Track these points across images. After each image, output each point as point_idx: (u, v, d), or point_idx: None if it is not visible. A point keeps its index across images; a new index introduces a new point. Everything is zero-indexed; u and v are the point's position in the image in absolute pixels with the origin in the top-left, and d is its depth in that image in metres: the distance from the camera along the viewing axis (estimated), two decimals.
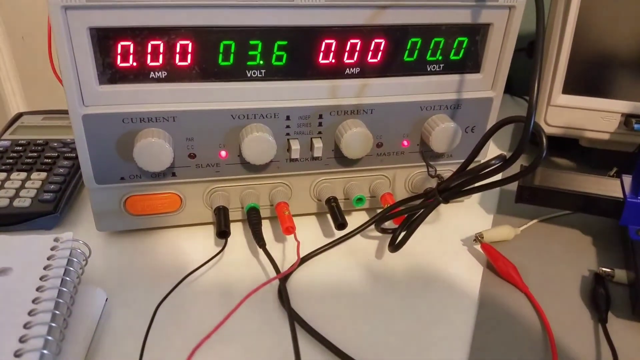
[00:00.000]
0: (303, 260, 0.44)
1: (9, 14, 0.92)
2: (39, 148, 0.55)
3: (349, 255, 0.46)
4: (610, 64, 0.54)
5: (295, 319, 0.36)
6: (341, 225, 0.45)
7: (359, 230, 0.47)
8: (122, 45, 0.38)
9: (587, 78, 0.55)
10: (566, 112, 0.56)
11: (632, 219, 0.45)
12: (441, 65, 0.45)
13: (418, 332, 0.38)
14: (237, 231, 0.48)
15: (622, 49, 0.54)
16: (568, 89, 0.56)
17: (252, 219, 0.44)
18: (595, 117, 0.56)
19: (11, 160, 0.52)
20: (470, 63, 0.46)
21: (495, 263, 0.44)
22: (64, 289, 0.34)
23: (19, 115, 0.62)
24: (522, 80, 0.76)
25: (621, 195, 0.46)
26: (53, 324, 0.32)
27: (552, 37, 0.55)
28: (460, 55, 0.45)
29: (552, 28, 0.55)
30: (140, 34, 0.37)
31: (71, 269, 0.36)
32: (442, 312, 0.40)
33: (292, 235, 0.43)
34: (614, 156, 0.58)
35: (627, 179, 0.47)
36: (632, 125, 0.54)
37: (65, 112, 0.62)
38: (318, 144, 0.44)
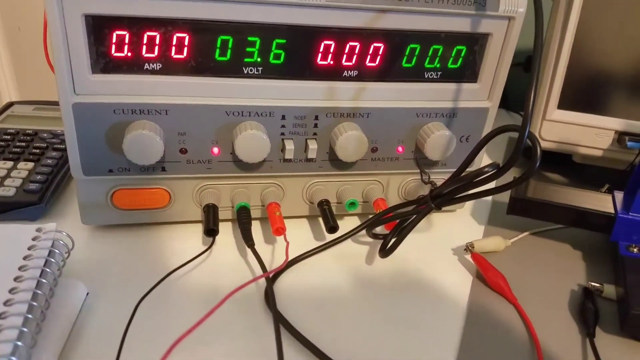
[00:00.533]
0: (292, 263, 0.43)
1: (6, 5, 0.91)
2: (28, 138, 0.54)
3: (339, 259, 0.45)
4: (606, 82, 0.55)
5: (280, 321, 0.36)
6: (332, 228, 0.44)
7: (350, 234, 0.47)
8: (117, 35, 0.37)
9: (583, 94, 0.55)
10: (561, 127, 0.56)
11: (623, 235, 0.45)
12: (439, 73, 0.45)
13: (405, 340, 0.38)
14: (226, 231, 0.47)
15: (619, 68, 0.54)
16: (563, 105, 0.56)
17: (242, 218, 0.44)
18: (589, 133, 0.56)
19: None
20: (468, 72, 0.46)
21: (485, 273, 0.43)
22: (43, 281, 0.33)
23: (9, 104, 0.61)
24: (518, 95, 0.76)
25: (612, 211, 0.46)
26: (29, 316, 0.31)
27: (549, 52, 0.55)
28: (458, 64, 0.45)
29: (549, 43, 0.55)
30: (136, 24, 0.37)
31: (52, 260, 0.35)
32: (430, 320, 0.40)
33: (282, 238, 0.43)
34: (606, 173, 0.58)
35: (619, 195, 0.47)
36: (626, 142, 0.54)
37: (57, 103, 0.61)
38: (313, 145, 0.44)
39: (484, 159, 0.52)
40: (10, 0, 0.90)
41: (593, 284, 0.43)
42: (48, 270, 0.34)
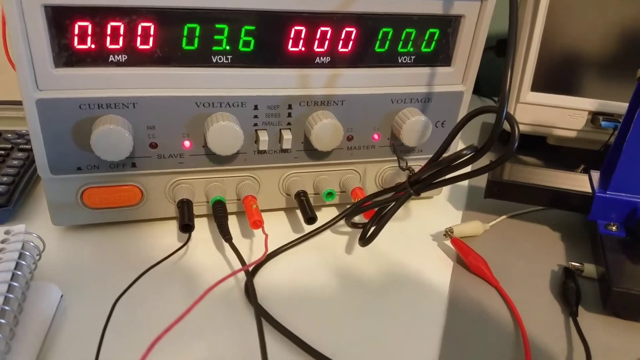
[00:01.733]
0: (271, 255, 0.42)
1: None
2: None
3: (319, 250, 0.44)
4: (578, 63, 0.55)
5: (261, 314, 0.35)
6: (311, 219, 0.44)
7: (329, 224, 0.46)
8: (79, 26, 0.35)
9: (555, 76, 0.56)
10: (534, 109, 0.57)
11: (601, 214, 0.45)
12: (412, 57, 0.44)
13: (388, 326, 0.37)
14: (202, 226, 0.46)
15: (590, 48, 0.54)
16: (536, 87, 0.56)
17: (218, 212, 0.42)
18: (563, 114, 0.56)
19: None
20: (442, 56, 0.45)
21: (466, 258, 0.43)
22: (15, 284, 0.32)
23: None
24: (490, 80, 0.76)
25: (590, 190, 0.46)
26: (2, 320, 0.29)
27: (521, 35, 0.55)
28: (432, 47, 0.44)
29: (521, 26, 0.55)
30: (99, 14, 0.35)
31: (23, 262, 0.34)
32: (413, 307, 0.39)
33: (260, 232, 0.42)
34: (580, 154, 0.59)
35: (595, 175, 0.48)
36: (600, 122, 0.54)
37: (20, 102, 0.59)
38: (287, 135, 0.43)
39: (458, 145, 0.51)
40: None
41: (573, 263, 0.43)
42: (19, 273, 0.33)
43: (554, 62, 0.55)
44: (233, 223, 0.47)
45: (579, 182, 0.47)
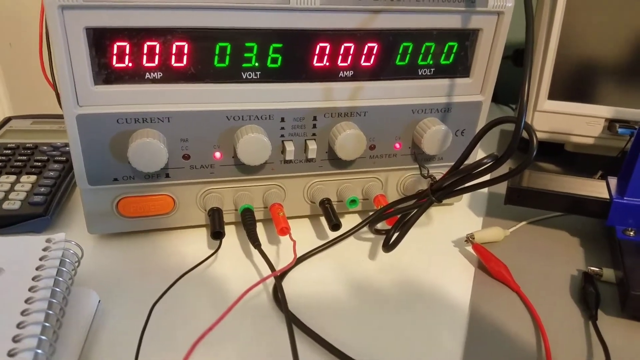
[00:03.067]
0: (298, 261, 0.44)
1: None
2: (29, 152, 0.54)
3: (343, 256, 0.46)
4: (594, 71, 0.56)
5: (291, 318, 0.36)
6: (335, 226, 0.45)
7: (353, 231, 0.48)
8: (118, 46, 0.38)
9: (572, 84, 0.57)
10: (552, 117, 0.58)
11: (619, 219, 0.46)
12: (432, 69, 0.46)
13: (413, 330, 0.39)
14: (230, 234, 0.48)
15: (606, 56, 0.55)
16: (553, 95, 0.57)
17: (247, 219, 0.44)
18: (580, 122, 0.57)
19: (0, 164, 0.52)
20: (460, 68, 0.47)
21: (487, 263, 0.44)
22: (57, 289, 0.34)
23: (7, 119, 0.61)
24: (507, 88, 0.77)
25: (607, 196, 0.47)
26: (46, 324, 0.31)
27: (537, 44, 0.56)
28: (451, 60, 0.46)
29: (537, 36, 0.56)
30: (136, 35, 0.38)
31: (64, 269, 0.36)
32: (436, 311, 0.40)
33: (286, 238, 0.43)
34: (598, 160, 0.59)
35: (613, 181, 0.48)
36: (616, 129, 0.55)
37: (54, 116, 0.62)
38: (312, 145, 0.45)
39: (478, 153, 0.53)
40: (1, 17, 0.91)
41: (592, 268, 0.44)
42: (60, 279, 0.35)
43: (571, 71, 0.56)
44: (259, 230, 0.48)
45: (597, 188, 0.48)
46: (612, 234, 0.46)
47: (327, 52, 0.42)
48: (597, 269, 0.44)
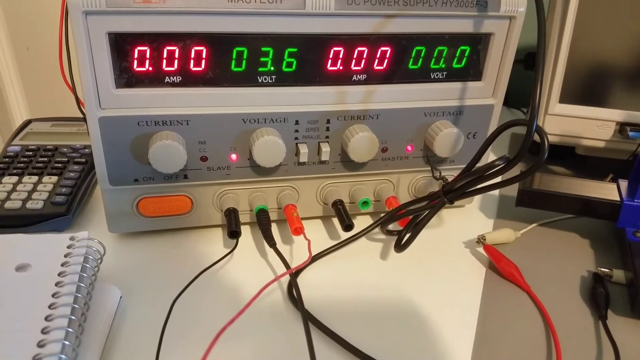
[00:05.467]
0: (312, 260, 0.45)
1: (14, 25, 0.93)
2: (49, 153, 0.56)
3: (355, 256, 0.47)
4: (605, 74, 0.56)
5: (308, 318, 0.37)
6: (348, 226, 0.46)
7: (366, 231, 0.49)
8: (139, 50, 0.39)
9: (583, 87, 0.57)
10: (563, 120, 0.58)
11: (629, 221, 0.47)
12: (444, 73, 0.47)
13: (424, 329, 0.39)
14: (245, 234, 0.49)
15: (617, 60, 0.56)
16: (565, 98, 0.57)
17: (262, 219, 0.45)
18: (591, 125, 0.58)
19: (22, 165, 0.53)
20: (472, 71, 0.47)
21: (498, 264, 0.45)
22: (82, 285, 0.35)
23: (27, 122, 0.63)
24: (518, 92, 0.78)
25: (618, 199, 0.47)
26: (72, 317, 0.33)
27: (549, 47, 0.56)
28: (463, 63, 0.47)
29: (548, 39, 0.56)
30: (156, 40, 0.39)
31: (87, 266, 0.37)
32: (447, 311, 0.41)
33: (299, 239, 0.45)
34: (608, 164, 0.60)
35: (624, 183, 0.49)
36: (627, 133, 0.56)
37: (73, 119, 0.63)
38: (325, 148, 0.46)
39: (489, 155, 0.53)
40: (19, 21, 0.93)
41: (602, 269, 0.45)
42: (85, 275, 0.36)
43: (582, 74, 0.57)
44: (273, 231, 0.49)
45: (608, 190, 0.49)
46: (622, 236, 0.47)
47: (341, 56, 0.43)
48: (607, 270, 0.45)
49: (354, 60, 0.44)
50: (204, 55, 0.40)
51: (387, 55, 0.44)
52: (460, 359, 0.37)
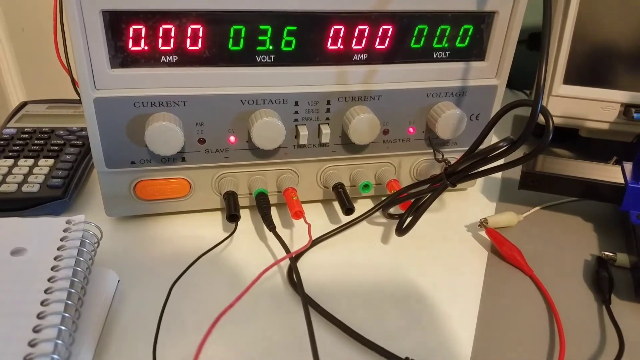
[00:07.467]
0: (312, 244, 0.44)
1: (9, 6, 0.91)
2: (45, 136, 0.55)
3: (356, 240, 0.46)
4: (610, 55, 0.55)
5: (308, 302, 0.37)
6: (349, 210, 0.46)
7: (367, 215, 0.48)
8: (134, 29, 0.38)
9: (588, 69, 0.56)
10: (567, 102, 0.57)
11: (633, 204, 0.46)
12: (447, 52, 0.46)
13: (425, 313, 0.39)
14: (244, 218, 0.48)
15: (622, 40, 0.55)
16: (569, 80, 0.56)
17: (261, 203, 0.45)
18: (596, 107, 0.57)
19: (18, 148, 0.52)
20: (476, 51, 0.46)
21: (500, 247, 0.45)
22: (78, 269, 0.35)
23: (23, 104, 0.62)
24: (521, 74, 0.77)
25: (622, 181, 0.47)
26: (69, 302, 0.32)
27: (553, 28, 0.55)
28: (466, 43, 0.46)
29: (553, 20, 0.55)
30: (152, 18, 0.38)
31: (84, 249, 0.37)
32: (449, 295, 0.41)
33: (299, 223, 0.44)
34: (612, 146, 0.59)
35: (628, 166, 0.48)
36: (632, 114, 0.55)
37: (69, 101, 0.62)
38: (326, 130, 0.45)
39: (492, 137, 0.53)
40: (14, 1, 0.91)
41: (606, 253, 0.44)
42: (81, 259, 0.35)
43: (586, 55, 0.56)
44: (273, 215, 0.49)
45: (612, 173, 0.48)
46: (626, 219, 0.46)
47: (341, 34, 0.42)
48: (611, 254, 0.44)
49: (354, 39, 0.43)
50: (200, 34, 0.39)
51: (389, 34, 0.43)
52: (463, 342, 0.37)
